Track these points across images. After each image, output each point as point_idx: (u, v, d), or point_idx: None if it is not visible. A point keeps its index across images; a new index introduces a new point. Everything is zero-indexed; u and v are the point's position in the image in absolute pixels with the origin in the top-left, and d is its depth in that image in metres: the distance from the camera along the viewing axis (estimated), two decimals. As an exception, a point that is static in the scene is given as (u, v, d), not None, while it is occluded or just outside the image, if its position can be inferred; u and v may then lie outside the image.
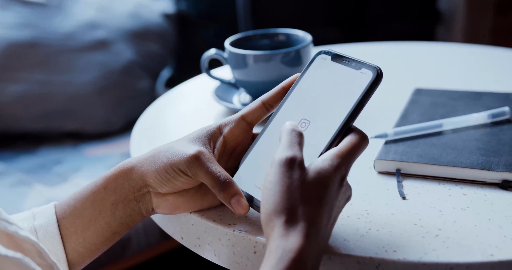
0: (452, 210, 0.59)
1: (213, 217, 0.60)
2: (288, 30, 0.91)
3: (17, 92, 1.50)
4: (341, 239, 0.55)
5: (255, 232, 0.57)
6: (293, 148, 0.51)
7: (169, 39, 1.72)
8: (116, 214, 0.59)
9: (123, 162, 0.60)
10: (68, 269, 0.60)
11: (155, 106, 0.94)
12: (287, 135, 0.52)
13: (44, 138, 1.55)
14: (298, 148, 0.51)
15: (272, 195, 0.49)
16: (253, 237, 0.57)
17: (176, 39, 1.75)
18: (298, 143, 0.52)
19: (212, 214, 0.61)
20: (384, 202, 0.61)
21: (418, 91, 0.86)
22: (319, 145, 0.54)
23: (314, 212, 0.49)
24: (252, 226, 0.58)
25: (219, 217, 0.60)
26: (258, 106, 0.60)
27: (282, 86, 0.59)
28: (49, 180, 1.34)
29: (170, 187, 0.58)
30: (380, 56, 1.12)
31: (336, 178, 0.50)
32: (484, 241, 0.54)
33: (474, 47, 1.14)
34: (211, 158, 0.57)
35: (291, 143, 0.51)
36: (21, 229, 0.51)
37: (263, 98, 0.60)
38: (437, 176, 0.65)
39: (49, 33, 1.54)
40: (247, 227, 0.58)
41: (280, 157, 0.50)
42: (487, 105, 0.78)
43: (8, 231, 0.50)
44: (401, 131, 0.71)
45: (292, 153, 0.50)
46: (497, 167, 0.63)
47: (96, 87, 1.54)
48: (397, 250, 0.53)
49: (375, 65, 0.54)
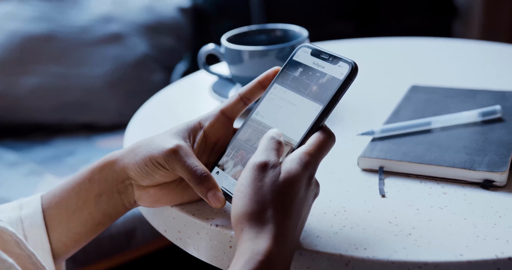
0: (429, 208, 0.59)
1: (193, 211, 0.61)
2: (284, 26, 0.91)
3: (33, 85, 1.53)
4: (314, 236, 0.56)
5: (231, 226, 0.58)
6: (268, 153, 0.51)
7: (184, 32, 1.73)
8: (100, 205, 0.61)
9: (108, 155, 0.61)
10: (52, 258, 0.61)
11: (153, 101, 0.96)
12: (265, 141, 0.53)
13: (58, 129, 1.58)
14: (274, 153, 0.52)
15: (242, 197, 0.50)
16: (229, 232, 0.57)
17: (191, 32, 1.76)
18: (275, 149, 0.52)
19: (192, 208, 0.62)
20: (363, 200, 0.61)
21: (414, 88, 0.85)
22: (291, 142, 0.54)
23: (283, 214, 0.49)
24: (229, 221, 0.59)
25: (198, 211, 0.61)
26: (236, 100, 0.60)
27: (258, 80, 0.59)
28: (61, 171, 1.37)
29: (150, 180, 0.59)
30: (385, 52, 1.11)
31: (305, 177, 0.50)
32: (456, 241, 0.53)
33: (483, 43, 1.12)
34: (189, 152, 0.57)
35: (267, 148, 0.52)
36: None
37: (240, 92, 0.60)
38: (419, 175, 0.64)
39: (65, 26, 1.56)
40: (224, 221, 0.59)
41: (254, 161, 0.51)
42: (481, 103, 0.77)
43: (-16, 222, 0.51)
44: (388, 128, 0.71)
45: (266, 157, 0.51)
46: (479, 166, 0.62)
47: (110, 80, 1.56)
48: (367, 248, 0.53)
49: (351, 60, 0.54)
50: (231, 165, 0.58)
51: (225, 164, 0.59)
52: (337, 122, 0.79)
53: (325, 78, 0.55)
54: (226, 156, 0.59)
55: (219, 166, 0.59)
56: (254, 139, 0.57)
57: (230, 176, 0.58)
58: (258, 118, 0.58)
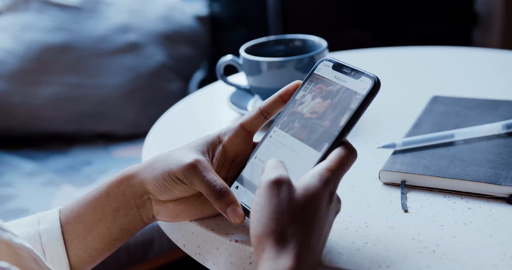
0: (453, 224, 0.57)
1: (212, 226, 0.60)
2: (303, 36, 0.90)
3: (51, 95, 1.54)
4: (336, 252, 0.55)
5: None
6: (278, 170, 0.50)
7: (201, 41, 1.73)
8: (117, 220, 0.60)
9: (126, 169, 0.61)
10: (70, 273, 0.61)
11: (171, 112, 0.95)
12: (272, 160, 0.52)
13: (75, 139, 1.58)
14: (284, 170, 0.51)
15: (260, 217, 0.49)
16: (249, 248, 0.57)
17: (208, 41, 1.76)
18: (284, 167, 0.51)
19: (211, 223, 0.61)
20: (385, 215, 0.60)
21: (435, 98, 0.84)
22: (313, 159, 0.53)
23: (305, 232, 0.48)
24: (249, 237, 0.58)
25: (217, 226, 0.60)
26: (256, 114, 0.59)
27: (278, 94, 0.59)
28: (78, 181, 1.37)
29: (169, 195, 0.58)
30: (403, 61, 1.10)
31: (325, 194, 0.49)
32: (482, 259, 0.52)
33: (504, 52, 1.10)
34: (208, 166, 0.57)
35: (276, 166, 0.51)
36: (15, 236, 0.52)
37: (260, 106, 0.59)
38: (442, 189, 0.63)
39: (82, 36, 1.57)
40: (244, 237, 0.58)
41: (267, 179, 0.50)
42: (504, 115, 0.75)
43: (1, 238, 0.51)
44: (410, 141, 0.69)
45: (279, 174, 0.50)
46: (504, 181, 0.61)
47: (127, 89, 1.56)
48: (390, 266, 0.52)
49: (373, 75, 0.53)
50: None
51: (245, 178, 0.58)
52: (356, 135, 0.78)
53: (346, 93, 0.54)
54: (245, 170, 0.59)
55: (239, 181, 0.59)
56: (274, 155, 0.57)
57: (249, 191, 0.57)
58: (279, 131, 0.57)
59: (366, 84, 0.53)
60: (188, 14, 1.71)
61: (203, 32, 1.73)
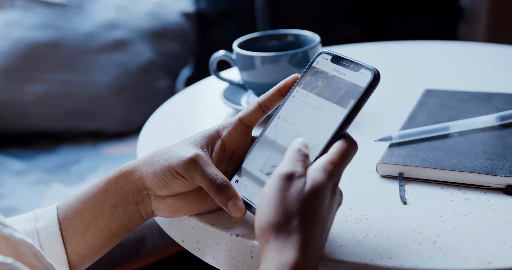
0: (452, 215, 0.58)
1: (212, 221, 0.60)
2: (296, 31, 0.90)
3: (39, 92, 1.52)
4: (337, 245, 0.55)
5: (252, 236, 0.57)
6: (295, 163, 0.51)
7: (189, 38, 1.72)
8: (116, 216, 0.60)
9: (124, 165, 0.61)
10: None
11: (164, 108, 0.95)
12: (292, 152, 0.52)
13: (64, 137, 1.57)
14: (300, 165, 0.51)
15: (267, 207, 0.49)
16: (250, 242, 0.57)
17: (195, 38, 1.76)
18: (302, 161, 0.51)
19: (211, 217, 0.61)
20: (384, 207, 0.60)
21: (428, 92, 0.85)
22: (314, 150, 0.53)
23: (309, 224, 0.48)
24: (249, 230, 0.58)
25: (217, 221, 0.60)
26: (255, 108, 0.59)
27: (277, 87, 0.59)
28: (67, 179, 1.36)
29: (168, 190, 0.58)
30: (394, 56, 1.10)
31: (330, 186, 0.50)
32: (482, 248, 0.52)
33: (493, 46, 1.11)
34: (208, 161, 0.57)
35: (294, 159, 0.51)
36: (16, 231, 0.52)
37: (259, 100, 0.59)
38: (440, 181, 0.64)
39: (70, 33, 1.56)
40: (244, 231, 0.58)
41: (280, 171, 0.50)
42: (498, 107, 0.76)
43: (2, 233, 0.51)
44: (406, 134, 0.70)
45: (293, 168, 0.50)
46: (501, 171, 0.61)
47: (115, 87, 1.55)
48: (393, 257, 0.53)
49: (373, 67, 0.53)
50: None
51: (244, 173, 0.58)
52: (352, 129, 0.77)
53: (346, 86, 0.54)
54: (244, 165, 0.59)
55: (239, 174, 0.59)
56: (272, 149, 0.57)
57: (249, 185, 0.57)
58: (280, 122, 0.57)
59: (366, 76, 0.53)
60: (175, 11, 1.70)
61: (190, 29, 1.72)
